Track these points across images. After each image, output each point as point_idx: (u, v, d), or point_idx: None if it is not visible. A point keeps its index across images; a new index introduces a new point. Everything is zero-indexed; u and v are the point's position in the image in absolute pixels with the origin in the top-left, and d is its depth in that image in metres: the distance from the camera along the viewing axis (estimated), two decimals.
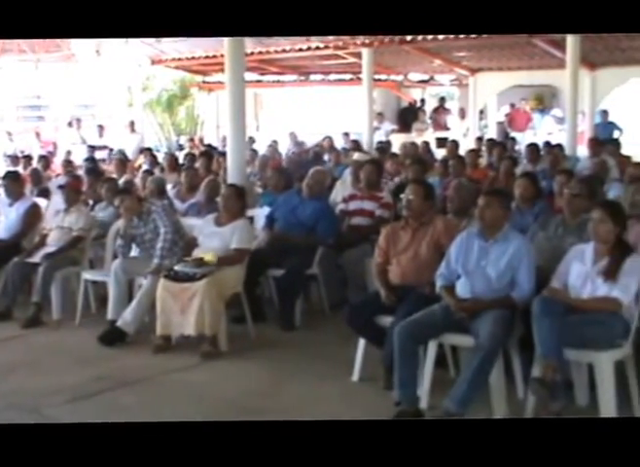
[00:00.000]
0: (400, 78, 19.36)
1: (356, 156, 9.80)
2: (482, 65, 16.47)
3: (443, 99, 19.89)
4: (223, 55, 7.96)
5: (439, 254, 5.12)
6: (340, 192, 8.32)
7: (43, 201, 8.36)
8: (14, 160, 12.80)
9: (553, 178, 7.21)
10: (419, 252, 5.26)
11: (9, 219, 7.62)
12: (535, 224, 5.63)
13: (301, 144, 15.19)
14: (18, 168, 11.31)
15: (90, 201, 8.24)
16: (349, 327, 5.27)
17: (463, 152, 10.98)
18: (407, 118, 19.54)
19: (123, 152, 12.96)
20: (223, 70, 8.04)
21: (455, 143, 12.23)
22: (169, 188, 8.69)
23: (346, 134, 16.04)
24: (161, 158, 11.90)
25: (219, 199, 6.68)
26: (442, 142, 15.01)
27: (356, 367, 5.23)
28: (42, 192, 9.40)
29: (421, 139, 15.18)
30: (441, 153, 12.78)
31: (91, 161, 11.66)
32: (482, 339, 4.42)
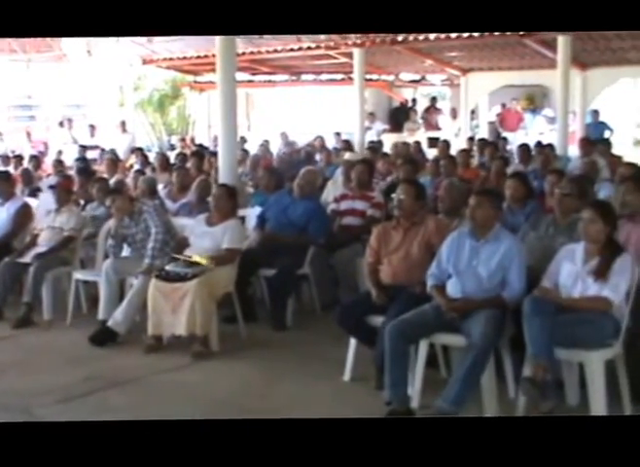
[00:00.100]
0: (391, 78, 19.35)
1: (347, 155, 9.81)
2: (474, 65, 16.47)
3: (434, 99, 19.91)
4: (214, 55, 7.96)
5: (430, 254, 5.12)
6: (332, 192, 8.32)
7: (34, 201, 8.34)
8: (4, 159, 12.75)
9: (545, 178, 7.22)
10: (410, 252, 5.27)
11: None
12: (526, 223, 5.64)
13: (291, 144, 15.17)
14: (9, 168, 11.29)
15: (82, 201, 8.22)
16: (340, 327, 5.28)
17: (454, 152, 11.00)
18: (398, 118, 19.54)
19: (114, 152, 12.92)
20: (214, 70, 8.03)
21: (447, 143, 12.25)
22: (160, 188, 8.68)
23: (338, 134, 16.04)
24: (153, 158, 11.87)
25: (210, 199, 6.68)
26: (433, 142, 15.02)
27: (347, 367, 5.23)
28: (33, 192, 9.38)
29: (413, 139, 15.20)
30: (432, 153, 12.79)
31: (83, 161, 11.63)
32: (475, 339, 4.43)
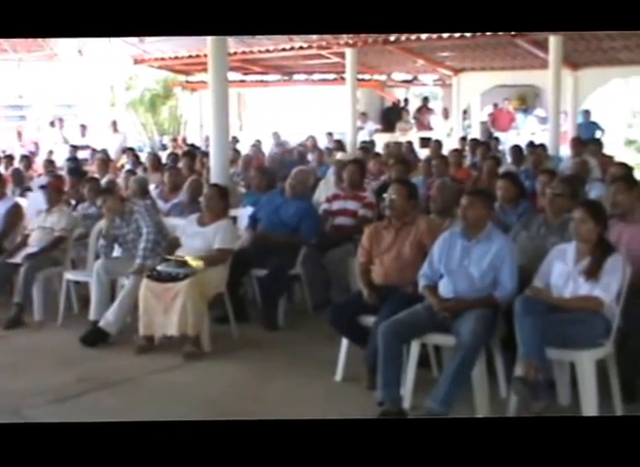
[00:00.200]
0: (383, 78, 19.35)
1: (339, 155, 9.81)
2: (466, 65, 16.48)
3: (426, 99, 19.93)
4: (206, 55, 7.93)
5: (422, 254, 5.12)
6: (324, 192, 8.31)
7: (24, 202, 8.30)
8: None
9: (536, 178, 7.23)
10: (402, 252, 5.27)
11: None
12: (518, 223, 5.64)
13: (282, 144, 15.15)
14: (0, 168, 11.25)
15: (73, 201, 8.20)
16: (332, 327, 5.27)
17: (446, 152, 11.00)
18: (390, 118, 19.55)
19: (105, 152, 12.88)
20: (206, 70, 8.01)
21: (439, 143, 12.27)
22: (152, 188, 8.66)
23: (330, 134, 16.04)
24: (144, 158, 11.85)
25: (202, 199, 6.66)
26: (425, 142, 15.04)
27: (339, 367, 5.23)
28: (24, 192, 9.34)
29: (405, 139, 15.20)
30: (424, 153, 12.80)
31: (74, 161, 11.60)
32: (464, 336, 4.43)
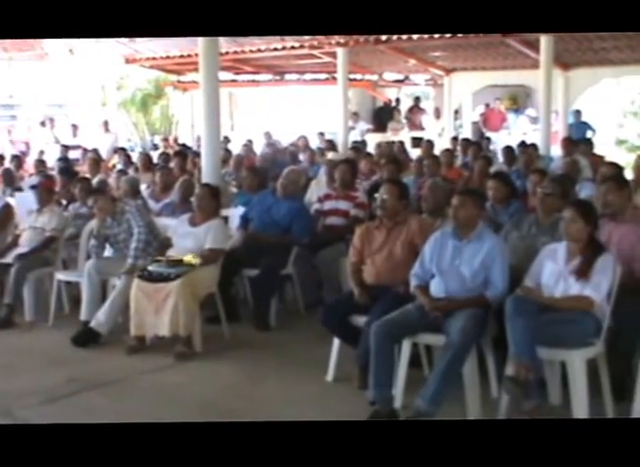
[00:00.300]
0: (375, 77, 19.36)
1: (330, 155, 9.81)
2: (457, 65, 16.51)
3: (418, 99, 19.94)
4: (197, 55, 7.92)
5: (413, 253, 5.12)
6: (315, 191, 8.31)
7: (15, 201, 8.27)
8: None
9: (527, 178, 7.25)
10: (394, 252, 5.27)
11: None
12: (509, 223, 5.65)
13: (272, 144, 15.12)
14: None
15: (64, 201, 8.18)
16: (324, 327, 5.28)
17: (438, 151, 11.01)
18: (382, 117, 19.55)
19: (96, 151, 12.85)
20: (197, 69, 8.00)
21: (430, 143, 12.27)
22: (143, 188, 8.64)
23: (321, 134, 16.04)
24: (136, 157, 11.83)
25: (193, 199, 6.65)
26: (417, 142, 15.05)
27: (331, 367, 5.23)
28: (15, 192, 9.30)
29: (397, 139, 15.21)
30: (416, 152, 12.81)
31: (65, 161, 11.57)
32: (453, 335, 4.44)
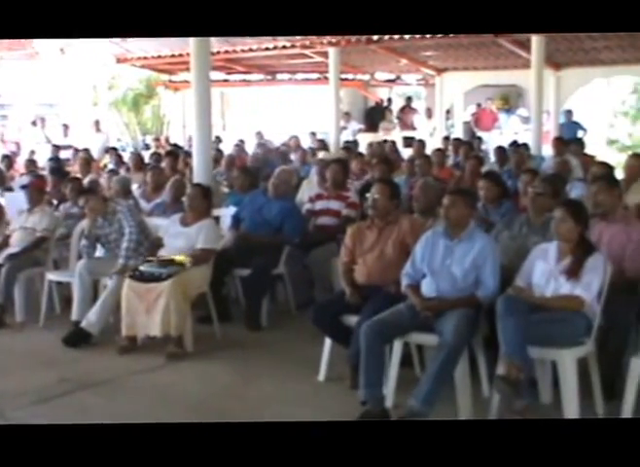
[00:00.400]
0: (367, 77, 19.37)
1: (322, 155, 9.81)
2: (449, 65, 16.54)
3: (409, 99, 19.95)
4: (189, 54, 7.91)
5: (404, 253, 5.13)
6: (307, 191, 8.31)
7: (4, 201, 8.25)
8: None
9: (519, 177, 7.27)
10: (385, 251, 5.27)
11: None
12: (500, 223, 5.66)
13: (263, 144, 15.11)
14: None
15: (55, 201, 8.16)
16: (315, 326, 5.28)
17: (430, 151, 11.03)
18: (373, 117, 19.56)
19: (88, 151, 12.82)
20: (189, 69, 7.99)
21: (422, 143, 12.28)
22: (135, 188, 8.63)
23: (313, 134, 16.04)
24: (127, 157, 11.80)
25: (185, 199, 6.64)
26: (408, 141, 15.07)
27: (322, 366, 5.23)
28: (5, 191, 9.28)
29: (388, 138, 15.22)
30: (407, 152, 12.83)
31: (56, 161, 11.55)
32: (446, 336, 4.44)
